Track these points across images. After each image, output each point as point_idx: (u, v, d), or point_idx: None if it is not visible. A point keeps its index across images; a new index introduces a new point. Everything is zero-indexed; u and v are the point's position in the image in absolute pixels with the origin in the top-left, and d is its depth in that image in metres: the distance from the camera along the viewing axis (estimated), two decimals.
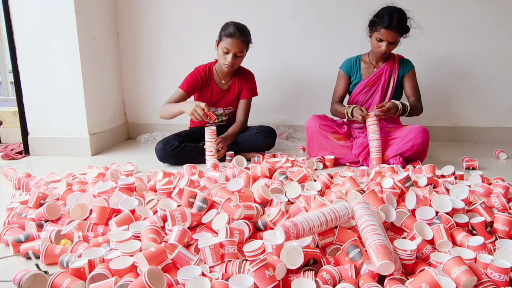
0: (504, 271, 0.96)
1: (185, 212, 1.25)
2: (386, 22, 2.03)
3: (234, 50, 2.10)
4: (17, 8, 2.31)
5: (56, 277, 0.97)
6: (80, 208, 1.37)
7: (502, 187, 1.50)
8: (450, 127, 2.94)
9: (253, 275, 0.92)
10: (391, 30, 2.04)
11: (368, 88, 2.28)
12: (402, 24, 2.06)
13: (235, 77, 2.33)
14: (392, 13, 2.04)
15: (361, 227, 1.07)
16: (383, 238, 1.00)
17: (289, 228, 1.01)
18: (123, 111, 3.08)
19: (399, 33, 2.07)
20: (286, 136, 2.92)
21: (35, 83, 2.40)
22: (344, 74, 2.33)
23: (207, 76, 2.27)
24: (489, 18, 2.73)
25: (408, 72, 2.26)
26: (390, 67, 2.25)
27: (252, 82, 2.37)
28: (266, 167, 1.71)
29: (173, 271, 1.00)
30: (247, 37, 2.13)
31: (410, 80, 2.27)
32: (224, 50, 2.11)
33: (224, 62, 2.14)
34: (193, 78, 2.24)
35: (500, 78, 2.83)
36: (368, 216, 1.09)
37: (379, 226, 1.05)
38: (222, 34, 2.12)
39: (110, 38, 2.83)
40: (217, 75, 2.29)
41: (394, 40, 2.09)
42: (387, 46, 2.10)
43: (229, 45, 2.09)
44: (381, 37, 2.08)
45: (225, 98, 2.34)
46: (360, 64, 2.31)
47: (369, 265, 0.98)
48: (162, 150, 2.16)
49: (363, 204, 1.15)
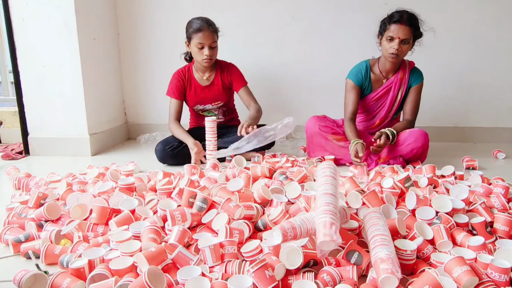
0: (504, 271, 0.96)
1: (185, 212, 1.25)
2: (396, 16, 1.98)
3: (207, 42, 2.10)
4: (17, 8, 2.31)
5: (56, 277, 0.97)
6: (80, 208, 1.37)
7: (502, 187, 1.50)
8: (450, 127, 2.94)
9: (253, 276, 0.92)
10: (402, 23, 1.95)
11: (376, 101, 2.23)
12: (414, 20, 1.99)
13: (216, 71, 2.32)
14: (402, 10, 2.00)
15: (369, 236, 1.05)
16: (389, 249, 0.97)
17: (287, 230, 1.01)
18: (123, 111, 3.07)
19: (411, 27, 1.97)
20: (286, 136, 2.92)
21: (35, 83, 2.40)
22: (355, 84, 2.17)
23: (187, 76, 2.30)
24: (489, 18, 2.73)
25: (416, 85, 2.16)
26: (400, 80, 2.15)
27: (237, 71, 2.34)
28: (266, 167, 1.71)
29: (173, 271, 1.00)
30: (214, 26, 2.15)
31: (413, 95, 2.17)
32: (198, 46, 2.11)
33: (202, 57, 2.13)
34: (175, 82, 2.28)
35: (500, 78, 2.83)
36: (379, 226, 1.06)
37: (388, 237, 1.02)
38: (190, 32, 2.13)
39: (110, 38, 2.83)
40: (198, 73, 2.30)
41: (406, 37, 1.97)
42: (399, 45, 1.97)
43: (201, 39, 2.09)
44: (391, 34, 1.97)
45: (210, 93, 2.33)
46: (370, 75, 2.18)
47: (373, 273, 0.96)
48: (162, 151, 2.16)
49: (375, 214, 1.13)
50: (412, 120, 2.19)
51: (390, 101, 2.20)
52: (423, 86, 2.20)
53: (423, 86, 2.20)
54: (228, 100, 2.39)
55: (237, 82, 2.31)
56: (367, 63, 2.20)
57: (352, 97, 2.18)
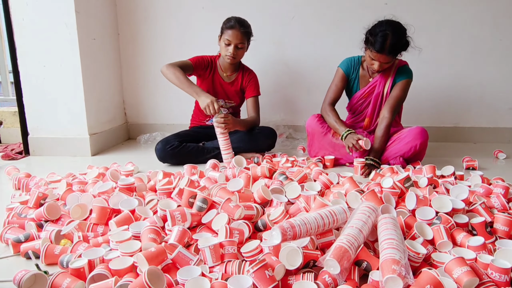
0: (504, 271, 0.96)
1: (185, 212, 1.25)
2: (378, 45, 1.93)
3: (235, 41, 2.17)
4: (17, 8, 2.31)
5: (56, 277, 0.97)
6: (80, 208, 1.37)
7: (502, 187, 1.50)
8: (450, 127, 2.94)
9: (253, 276, 0.92)
10: (383, 54, 1.94)
11: (362, 100, 2.25)
12: (396, 46, 1.94)
13: (238, 72, 2.38)
14: (386, 35, 1.91)
15: (380, 240, 1.04)
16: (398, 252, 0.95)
17: (286, 230, 1.01)
18: (123, 111, 3.08)
19: (392, 56, 1.97)
20: (286, 136, 2.92)
21: (35, 83, 2.40)
22: (343, 73, 2.23)
23: (213, 64, 2.34)
24: (489, 18, 2.73)
25: (400, 81, 2.13)
26: (384, 79, 2.16)
27: (256, 81, 2.42)
28: (266, 167, 1.71)
29: (173, 271, 1.00)
30: (247, 28, 2.21)
31: (395, 91, 2.13)
32: (225, 42, 2.18)
33: (226, 54, 2.20)
34: (201, 57, 2.31)
35: (500, 78, 2.83)
36: (391, 230, 1.04)
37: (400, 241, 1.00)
38: (223, 27, 2.21)
39: (110, 38, 2.83)
40: (220, 68, 2.35)
41: (387, 61, 2.00)
42: (380, 66, 2.02)
43: (230, 36, 2.16)
44: (373, 57, 2.00)
45: (227, 90, 2.38)
46: (359, 69, 2.22)
47: (373, 275, 0.96)
48: (162, 150, 2.16)
49: (389, 219, 1.11)
50: (389, 118, 2.08)
51: (374, 99, 2.21)
52: (409, 85, 2.16)
53: (409, 84, 2.16)
54: (239, 104, 2.46)
55: (251, 90, 2.37)
56: (359, 58, 2.25)
57: (337, 84, 2.25)
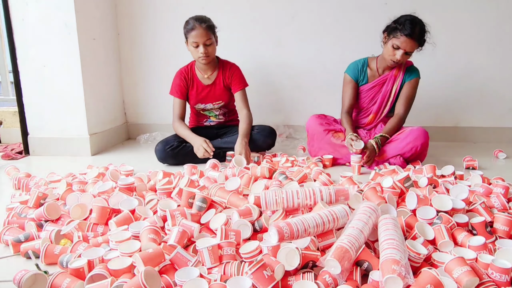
0: (504, 271, 0.96)
1: (185, 212, 1.25)
2: (408, 29, 1.94)
3: (201, 40, 2.10)
4: (17, 8, 2.31)
5: (56, 277, 0.97)
6: (80, 208, 1.37)
7: (502, 187, 1.50)
8: (450, 127, 2.94)
9: (251, 277, 0.92)
10: (412, 38, 1.95)
11: (370, 93, 2.23)
12: (422, 34, 1.99)
13: (218, 70, 2.31)
14: (415, 22, 1.96)
15: (381, 240, 1.04)
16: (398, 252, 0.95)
17: (282, 229, 1.01)
18: (123, 111, 3.07)
19: (418, 43, 1.99)
20: (286, 136, 2.92)
21: (35, 83, 2.40)
22: (351, 79, 2.23)
23: (190, 75, 2.30)
24: (489, 19, 2.73)
25: (410, 80, 2.16)
26: (394, 77, 2.17)
27: (239, 73, 2.33)
28: (266, 167, 1.70)
29: (171, 272, 1.00)
30: (208, 22, 2.13)
31: (406, 89, 2.16)
32: (193, 45, 2.12)
33: (199, 55, 2.14)
34: (178, 81, 2.29)
35: (500, 78, 2.82)
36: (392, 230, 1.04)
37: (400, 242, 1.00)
38: (185, 32, 2.15)
39: (110, 38, 2.83)
40: (199, 72, 2.30)
41: (411, 51, 2.01)
42: (402, 56, 2.01)
43: (195, 37, 2.10)
44: (399, 44, 1.98)
45: (211, 92, 2.32)
46: (367, 70, 2.22)
47: (374, 276, 0.96)
48: (162, 151, 2.16)
49: (390, 220, 1.11)
50: (402, 115, 2.16)
51: (382, 96, 2.21)
52: (418, 83, 2.19)
53: (418, 83, 2.19)
54: (229, 101, 2.39)
55: (236, 84, 2.30)
56: (365, 60, 2.25)
57: (349, 91, 2.25)
